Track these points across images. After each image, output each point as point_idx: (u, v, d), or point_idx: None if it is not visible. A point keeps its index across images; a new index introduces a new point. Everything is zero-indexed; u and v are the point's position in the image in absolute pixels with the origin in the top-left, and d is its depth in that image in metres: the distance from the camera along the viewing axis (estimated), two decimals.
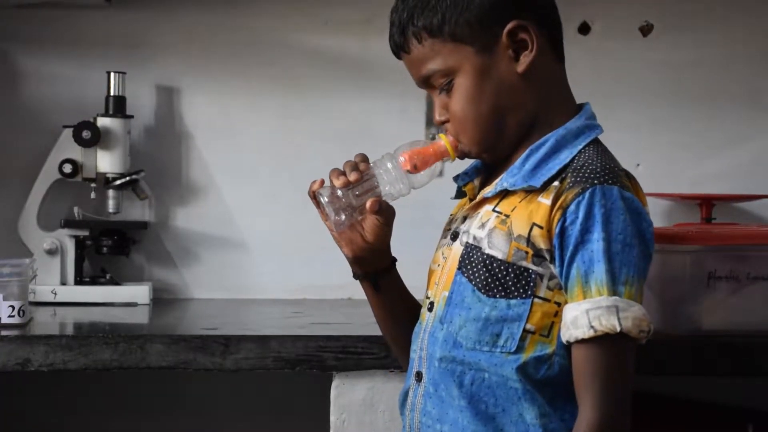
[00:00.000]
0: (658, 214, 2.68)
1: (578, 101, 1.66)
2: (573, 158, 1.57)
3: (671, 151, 2.71)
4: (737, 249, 2.04)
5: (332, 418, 2.01)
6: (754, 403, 2.26)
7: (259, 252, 2.68)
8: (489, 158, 1.66)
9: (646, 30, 2.70)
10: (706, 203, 2.59)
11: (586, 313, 1.50)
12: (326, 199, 1.62)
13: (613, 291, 1.49)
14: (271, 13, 2.67)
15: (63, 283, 2.54)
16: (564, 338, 1.52)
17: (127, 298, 2.52)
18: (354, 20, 2.66)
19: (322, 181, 1.65)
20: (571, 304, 1.52)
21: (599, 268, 1.50)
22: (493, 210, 1.59)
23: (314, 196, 1.65)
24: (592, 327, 1.49)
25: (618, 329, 1.48)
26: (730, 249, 2.04)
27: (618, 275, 1.50)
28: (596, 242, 1.50)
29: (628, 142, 2.63)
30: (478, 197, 1.64)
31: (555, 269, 1.54)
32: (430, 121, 2.65)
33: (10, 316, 2.07)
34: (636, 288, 1.51)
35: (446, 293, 1.61)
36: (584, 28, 2.70)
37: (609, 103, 2.61)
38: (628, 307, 1.49)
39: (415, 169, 1.63)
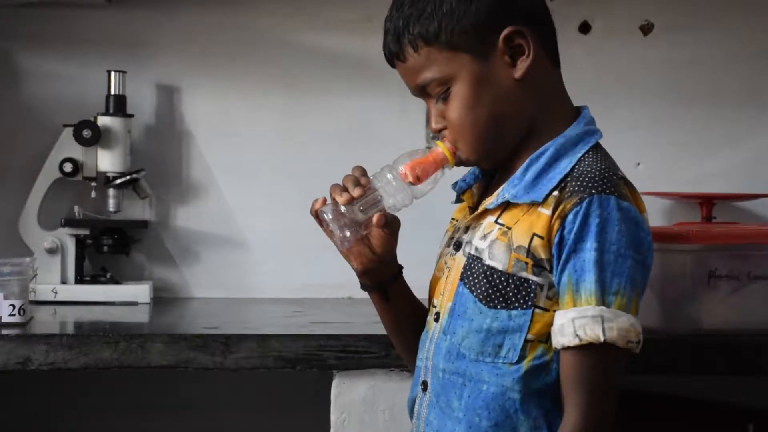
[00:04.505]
0: (658, 214, 2.68)
1: (579, 101, 1.66)
2: (573, 167, 1.56)
3: (671, 150, 2.71)
4: (738, 248, 2.04)
5: (332, 418, 2.01)
6: (754, 403, 2.26)
7: (259, 251, 2.68)
8: (487, 165, 1.65)
9: (646, 29, 2.70)
10: (707, 202, 2.59)
11: (572, 322, 1.49)
12: (330, 217, 1.61)
13: (602, 301, 1.49)
14: (271, 12, 2.67)
15: (63, 281, 2.54)
16: (553, 345, 1.52)
17: (127, 297, 2.52)
18: (354, 20, 2.65)
19: (324, 200, 1.63)
20: (560, 311, 1.52)
21: (590, 278, 1.49)
22: (496, 222, 1.59)
23: (317, 215, 1.63)
24: (577, 336, 1.49)
25: (602, 339, 1.48)
26: (730, 248, 2.04)
27: (609, 285, 1.49)
28: (588, 251, 1.49)
29: (628, 141, 2.63)
30: (480, 208, 1.62)
31: (554, 278, 1.54)
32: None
33: (10, 315, 2.07)
34: (628, 299, 1.50)
35: (450, 304, 1.61)
36: (585, 28, 2.70)
37: (609, 103, 2.62)
38: (614, 318, 1.48)
39: (418, 180, 1.61)
